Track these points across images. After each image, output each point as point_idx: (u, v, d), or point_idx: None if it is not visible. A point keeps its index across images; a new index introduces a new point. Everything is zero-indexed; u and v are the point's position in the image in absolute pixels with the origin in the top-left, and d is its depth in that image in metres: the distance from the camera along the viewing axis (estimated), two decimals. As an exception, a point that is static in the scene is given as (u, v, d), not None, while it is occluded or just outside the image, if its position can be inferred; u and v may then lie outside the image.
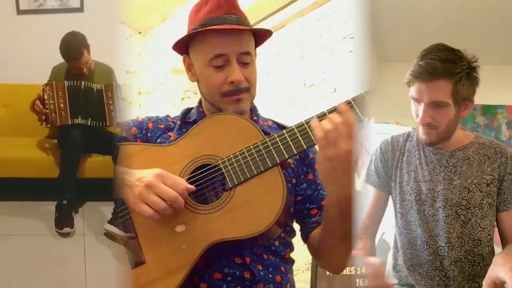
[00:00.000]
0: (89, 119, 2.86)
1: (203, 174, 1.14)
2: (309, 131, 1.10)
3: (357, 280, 2.45)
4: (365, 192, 1.71)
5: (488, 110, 3.60)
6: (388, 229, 1.83)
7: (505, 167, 1.53)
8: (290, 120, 1.24)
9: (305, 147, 1.11)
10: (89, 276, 2.45)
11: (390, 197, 1.66)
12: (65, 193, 2.73)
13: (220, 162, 1.13)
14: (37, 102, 2.76)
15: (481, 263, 1.50)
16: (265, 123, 1.34)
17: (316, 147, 1.09)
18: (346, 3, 2.87)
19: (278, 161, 1.11)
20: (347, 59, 2.82)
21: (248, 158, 1.12)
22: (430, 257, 1.52)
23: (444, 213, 1.51)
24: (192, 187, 1.11)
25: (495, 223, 1.54)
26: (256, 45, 1.29)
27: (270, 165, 1.10)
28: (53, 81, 2.83)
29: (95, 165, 2.87)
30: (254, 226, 1.07)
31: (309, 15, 3.16)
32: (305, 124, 1.11)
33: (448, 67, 1.42)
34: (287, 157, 1.09)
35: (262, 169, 1.10)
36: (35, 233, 2.70)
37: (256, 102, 1.32)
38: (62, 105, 2.80)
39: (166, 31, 4.06)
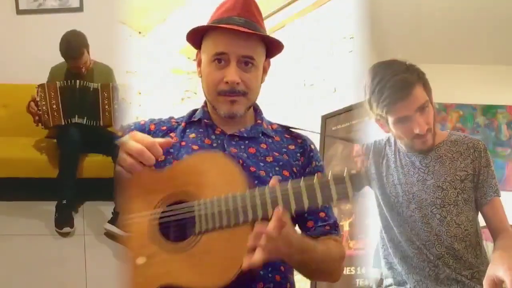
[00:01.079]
0: (85, 117, 2.86)
1: (177, 211, 1.10)
2: (291, 195, 1.02)
3: (357, 280, 2.45)
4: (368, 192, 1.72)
5: (488, 110, 3.60)
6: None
7: (480, 160, 1.54)
8: (290, 120, 1.24)
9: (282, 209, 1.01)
10: (89, 276, 2.45)
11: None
12: (65, 192, 2.73)
13: (195, 203, 1.09)
14: (32, 104, 2.76)
15: (463, 257, 1.51)
16: (270, 126, 1.34)
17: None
18: (346, 3, 2.87)
19: (250, 220, 1.04)
20: (347, 59, 2.81)
21: (222, 208, 1.06)
22: (416, 250, 1.54)
23: (420, 213, 1.53)
24: (169, 140, 1.12)
25: (472, 217, 1.54)
26: (269, 55, 1.30)
27: (241, 222, 1.04)
28: (45, 83, 2.83)
29: (94, 164, 2.88)
30: (206, 280, 1.03)
31: (309, 15, 3.16)
32: (290, 189, 1.03)
33: (411, 74, 1.46)
34: (260, 217, 1.03)
35: (231, 225, 1.05)
36: (35, 233, 2.70)
37: (256, 102, 1.32)
38: (54, 106, 2.80)
39: (166, 31, 4.06)
